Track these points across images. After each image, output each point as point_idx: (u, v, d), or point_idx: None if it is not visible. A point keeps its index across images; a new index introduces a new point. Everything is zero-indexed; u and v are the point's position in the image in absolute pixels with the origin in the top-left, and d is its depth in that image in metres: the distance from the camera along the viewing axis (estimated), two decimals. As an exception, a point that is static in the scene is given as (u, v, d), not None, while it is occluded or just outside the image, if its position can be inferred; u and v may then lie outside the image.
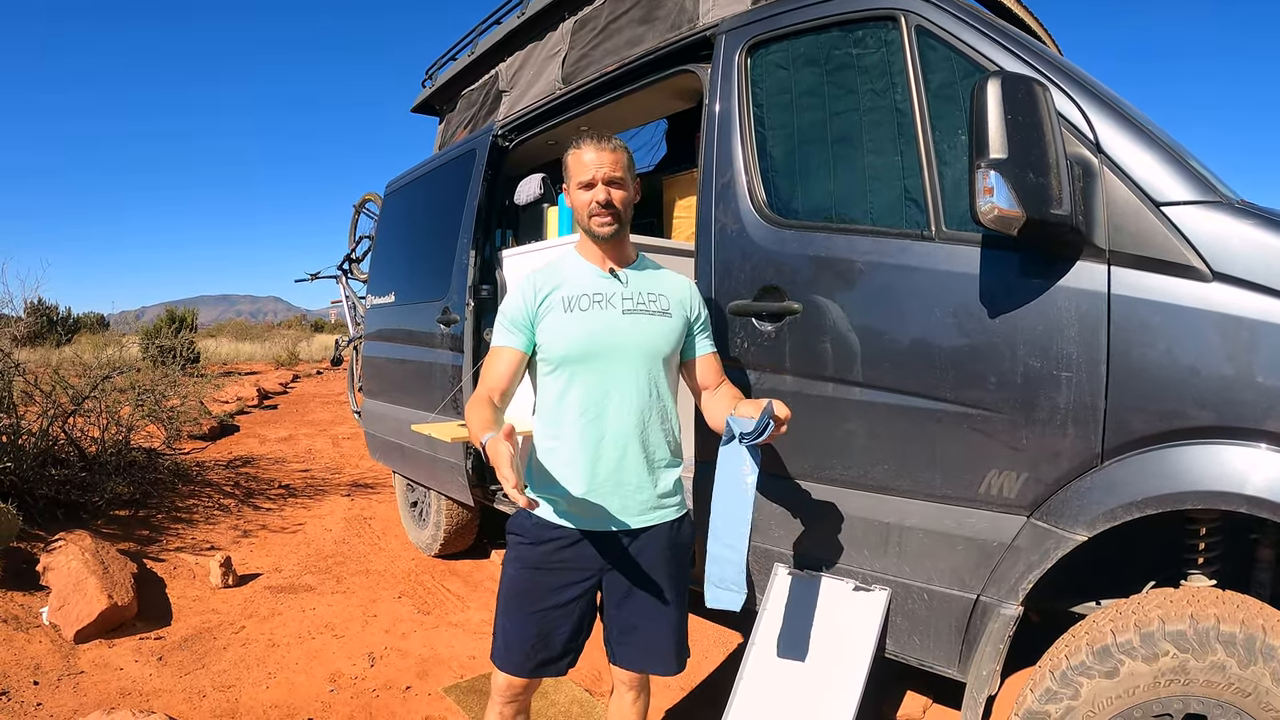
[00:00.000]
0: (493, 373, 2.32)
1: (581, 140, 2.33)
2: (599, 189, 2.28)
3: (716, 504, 2.25)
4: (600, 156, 2.28)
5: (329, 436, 11.47)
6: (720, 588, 2.23)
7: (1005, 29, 2.40)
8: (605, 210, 2.28)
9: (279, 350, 27.37)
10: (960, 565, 2.37)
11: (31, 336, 7.14)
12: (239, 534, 6.20)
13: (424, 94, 5.99)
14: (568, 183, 2.37)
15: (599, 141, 2.31)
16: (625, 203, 2.33)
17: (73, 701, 3.46)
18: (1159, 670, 1.93)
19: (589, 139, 2.32)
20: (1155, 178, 2.07)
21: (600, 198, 2.27)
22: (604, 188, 2.28)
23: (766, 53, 2.94)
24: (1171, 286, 2.02)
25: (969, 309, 2.30)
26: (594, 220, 2.30)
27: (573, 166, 2.33)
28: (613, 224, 2.30)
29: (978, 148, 1.98)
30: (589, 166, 2.28)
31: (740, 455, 2.18)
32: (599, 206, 2.28)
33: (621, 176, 2.31)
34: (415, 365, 5.19)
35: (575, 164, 2.32)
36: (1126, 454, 2.07)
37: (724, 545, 2.22)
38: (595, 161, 2.28)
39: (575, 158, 2.32)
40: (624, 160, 2.32)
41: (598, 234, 2.32)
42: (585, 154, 2.30)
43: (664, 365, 2.37)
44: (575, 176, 2.32)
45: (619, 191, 2.31)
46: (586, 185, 2.30)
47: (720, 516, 2.24)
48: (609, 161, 2.28)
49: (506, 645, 2.34)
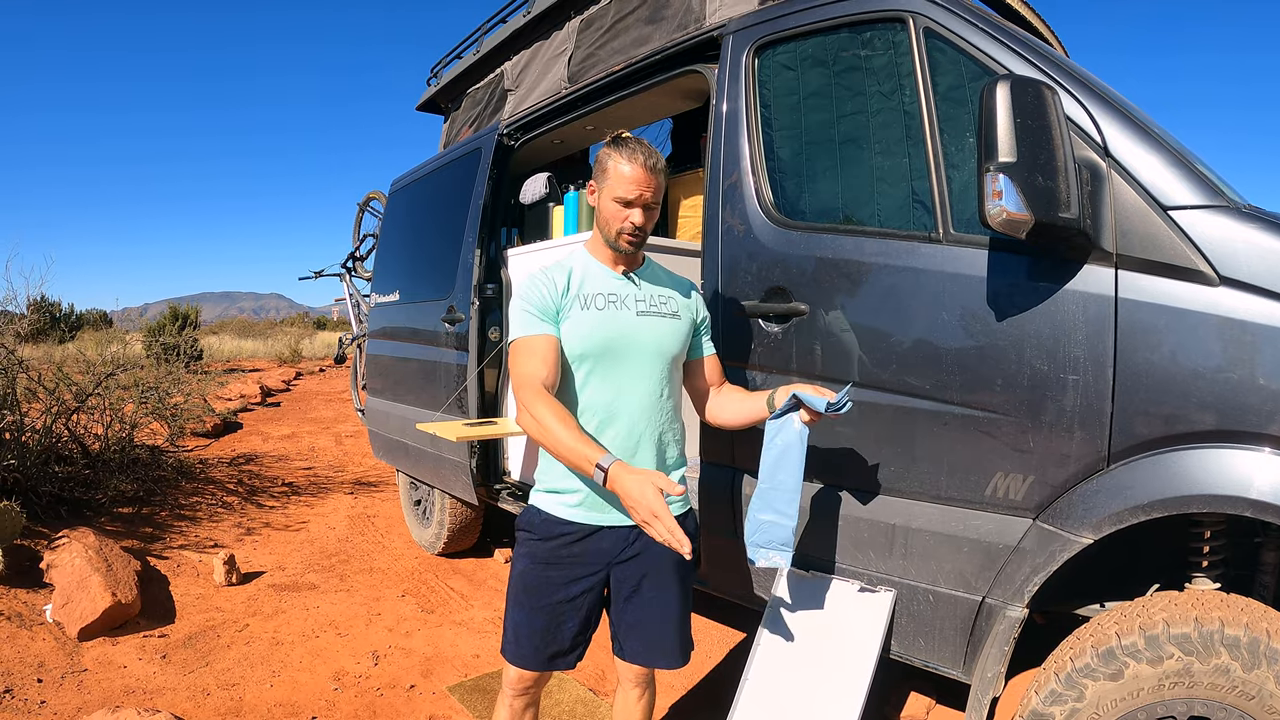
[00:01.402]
0: (542, 364, 2.21)
1: (634, 153, 2.25)
2: (637, 213, 2.26)
3: (767, 474, 2.33)
4: (645, 178, 2.23)
5: (332, 434, 11.49)
6: (768, 549, 2.33)
7: (1013, 31, 2.40)
8: (637, 233, 2.28)
9: (282, 348, 27.37)
10: (966, 567, 2.37)
11: (35, 333, 7.15)
12: (242, 532, 6.21)
13: (429, 92, 6.01)
14: (601, 184, 2.31)
15: (649, 160, 2.25)
16: (653, 224, 2.33)
17: (76, 700, 3.47)
18: (1163, 673, 1.93)
19: (641, 155, 2.24)
20: (1163, 182, 2.07)
21: (637, 220, 2.25)
22: (641, 212, 2.26)
23: (774, 54, 2.94)
24: (1178, 291, 2.02)
25: (976, 312, 2.30)
26: (623, 238, 2.28)
27: (614, 176, 2.26)
28: (638, 244, 2.31)
29: (986, 151, 1.98)
30: (633, 186, 2.23)
31: (796, 427, 2.30)
32: (633, 227, 2.26)
33: (656, 202, 2.29)
34: (419, 364, 5.20)
35: (617, 176, 2.25)
36: (1133, 457, 2.07)
37: (774, 512, 2.33)
38: (641, 183, 2.23)
39: (619, 168, 2.25)
40: (662, 185, 2.30)
41: (623, 249, 2.31)
42: (634, 171, 2.23)
43: (672, 366, 2.39)
44: (615, 188, 2.26)
45: (653, 216, 2.30)
46: (625, 202, 2.25)
47: (771, 485, 2.33)
48: (652, 186, 2.25)
49: (516, 638, 2.36)
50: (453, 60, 5.69)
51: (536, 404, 2.14)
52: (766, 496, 2.34)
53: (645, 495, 1.92)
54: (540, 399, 2.14)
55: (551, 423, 2.10)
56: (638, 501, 1.93)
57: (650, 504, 1.91)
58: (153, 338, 9.93)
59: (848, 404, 2.22)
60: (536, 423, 2.13)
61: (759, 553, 2.34)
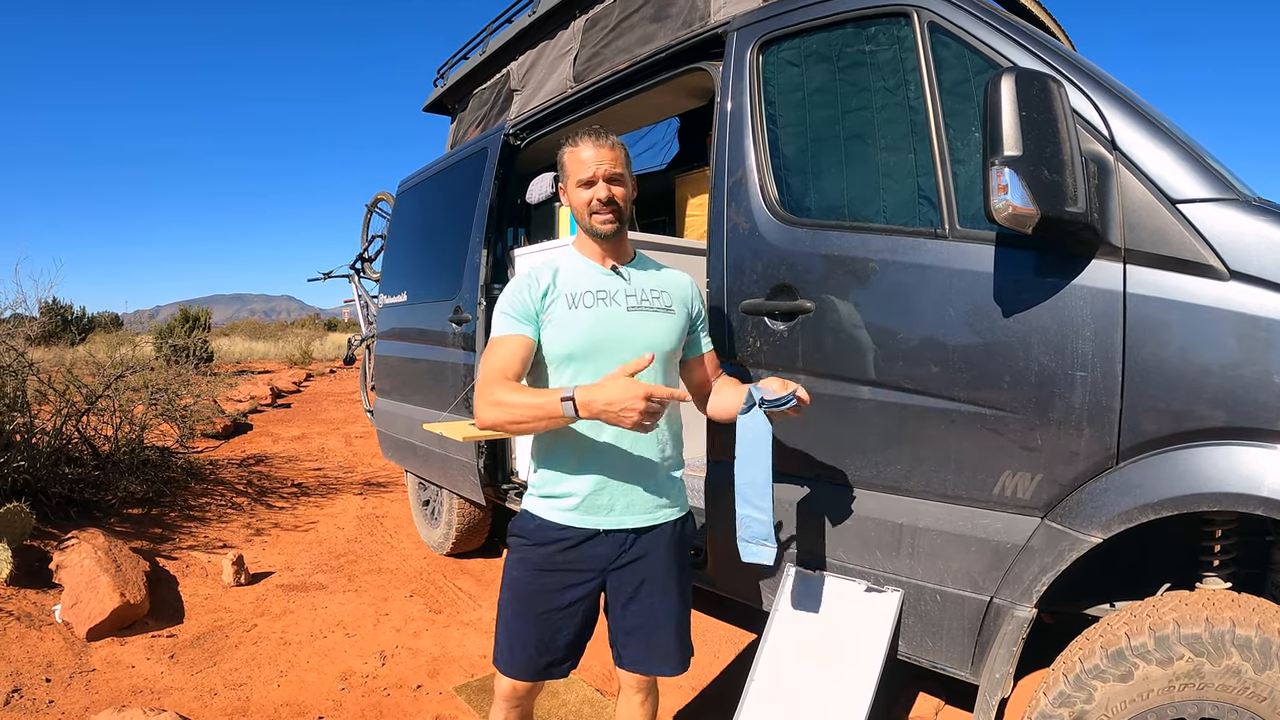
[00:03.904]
0: (502, 358, 2.19)
1: (579, 138, 2.29)
2: (599, 186, 2.24)
3: (740, 471, 2.32)
4: (599, 153, 2.25)
5: (342, 435, 11.51)
6: (752, 544, 2.34)
7: (1018, 24, 2.38)
8: (606, 208, 2.25)
9: (292, 349, 27.47)
10: (974, 567, 2.35)
11: (46, 336, 7.18)
12: (251, 532, 6.23)
13: (436, 93, 6.01)
14: (565, 181, 2.33)
15: (597, 138, 2.26)
16: (625, 199, 2.29)
17: (84, 699, 3.48)
18: (1173, 674, 1.90)
19: (587, 136, 2.28)
20: (1171, 175, 2.05)
21: (601, 195, 2.24)
22: (605, 185, 2.24)
23: (778, 50, 2.93)
24: (1188, 285, 1.99)
25: (983, 308, 2.28)
26: (595, 218, 2.26)
27: (570, 164, 2.29)
28: (614, 221, 2.27)
29: (992, 145, 1.96)
30: (588, 164, 2.25)
31: (760, 423, 2.26)
32: (600, 204, 2.24)
33: (621, 173, 2.27)
34: (427, 365, 5.20)
35: (573, 162, 2.28)
36: (1142, 455, 2.05)
37: (751, 507, 2.32)
38: (595, 158, 2.24)
39: (573, 155, 2.28)
40: (622, 157, 2.29)
41: (599, 231, 2.28)
42: (584, 151, 2.26)
43: (668, 362, 2.35)
44: (574, 175, 2.28)
45: (619, 188, 2.27)
46: (587, 183, 2.26)
47: (745, 482, 2.32)
48: (608, 158, 2.25)
49: (510, 649, 2.31)
50: (459, 61, 5.68)
51: (494, 389, 2.12)
52: (743, 492, 2.33)
53: (628, 386, 1.91)
54: (498, 384, 2.12)
55: (507, 395, 2.09)
56: (623, 394, 1.91)
57: (635, 389, 1.90)
58: (163, 340, 9.97)
59: (791, 400, 2.19)
60: (496, 404, 2.10)
61: (745, 548, 2.35)
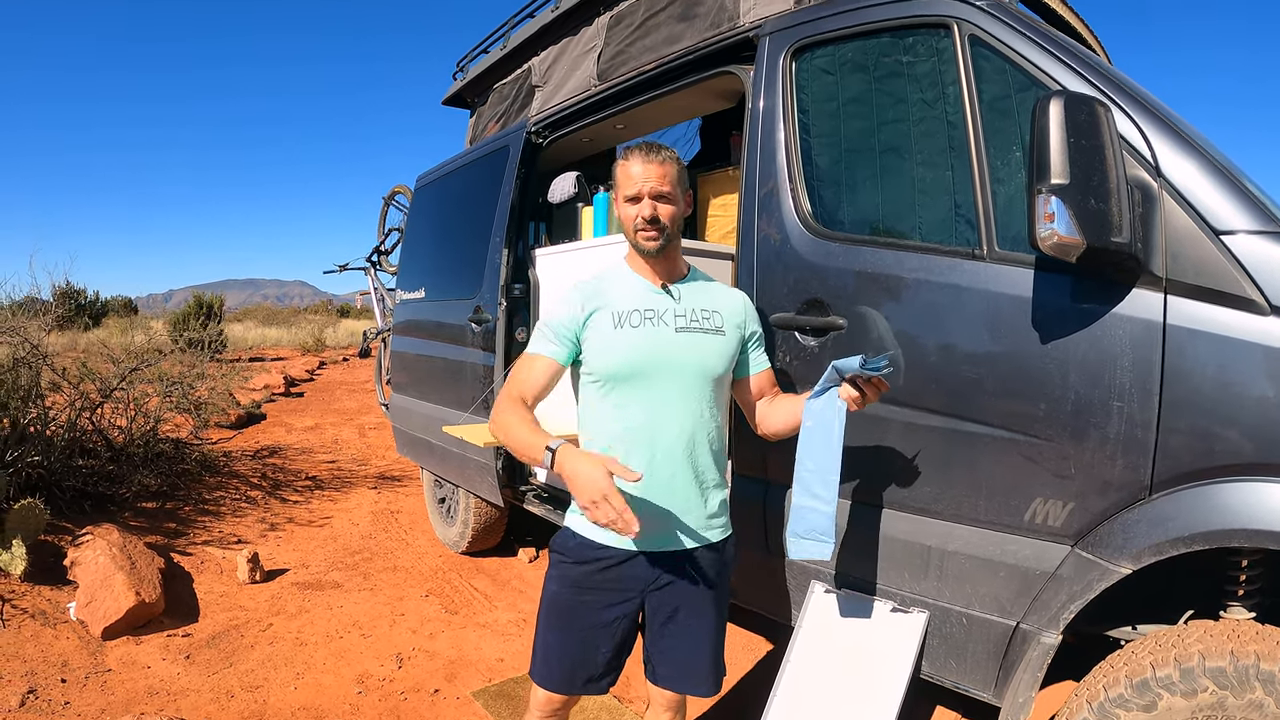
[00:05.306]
0: (527, 378, 2.26)
1: (630, 153, 2.26)
2: (645, 204, 2.21)
3: (805, 457, 2.29)
4: (648, 170, 2.21)
5: (355, 426, 11.52)
6: (806, 539, 2.28)
7: (1060, 40, 2.33)
8: (651, 226, 2.22)
9: (305, 336, 27.47)
10: (1001, 592, 2.32)
11: (60, 321, 7.20)
12: (266, 527, 6.23)
13: (455, 86, 5.96)
14: (616, 193, 2.30)
15: (647, 154, 2.23)
16: (673, 218, 2.26)
17: (100, 701, 3.47)
18: (1196, 706, 1.88)
19: (638, 151, 2.24)
20: (1215, 204, 2.00)
21: (646, 213, 2.21)
22: (650, 203, 2.21)
23: (812, 57, 2.88)
24: (1229, 319, 1.95)
25: (1019, 332, 2.24)
26: (640, 235, 2.24)
27: (620, 179, 2.27)
28: (658, 239, 2.23)
29: (1038, 171, 1.91)
30: (636, 180, 2.22)
31: (834, 409, 2.24)
32: (644, 222, 2.21)
33: (670, 191, 2.23)
34: (445, 363, 5.18)
35: (623, 177, 2.26)
36: (1176, 488, 2.01)
37: (811, 497, 2.28)
38: (643, 175, 2.21)
39: (623, 170, 2.26)
40: (672, 173, 2.25)
41: (643, 249, 2.25)
42: (633, 167, 2.23)
43: (716, 384, 2.31)
44: (623, 190, 2.25)
45: (666, 207, 2.23)
46: (633, 199, 2.23)
47: (808, 470, 2.29)
48: (656, 175, 2.21)
49: (546, 662, 2.32)
50: (479, 54, 5.63)
51: (504, 410, 2.20)
52: (804, 480, 2.29)
53: (594, 476, 1.92)
54: (510, 405, 2.20)
55: (509, 420, 2.16)
56: (586, 482, 1.92)
57: (600, 485, 1.91)
58: (177, 331, 9.98)
59: (886, 366, 2.14)
60: (498, 425, 2.19)
61: (797, 543, 2.29)
